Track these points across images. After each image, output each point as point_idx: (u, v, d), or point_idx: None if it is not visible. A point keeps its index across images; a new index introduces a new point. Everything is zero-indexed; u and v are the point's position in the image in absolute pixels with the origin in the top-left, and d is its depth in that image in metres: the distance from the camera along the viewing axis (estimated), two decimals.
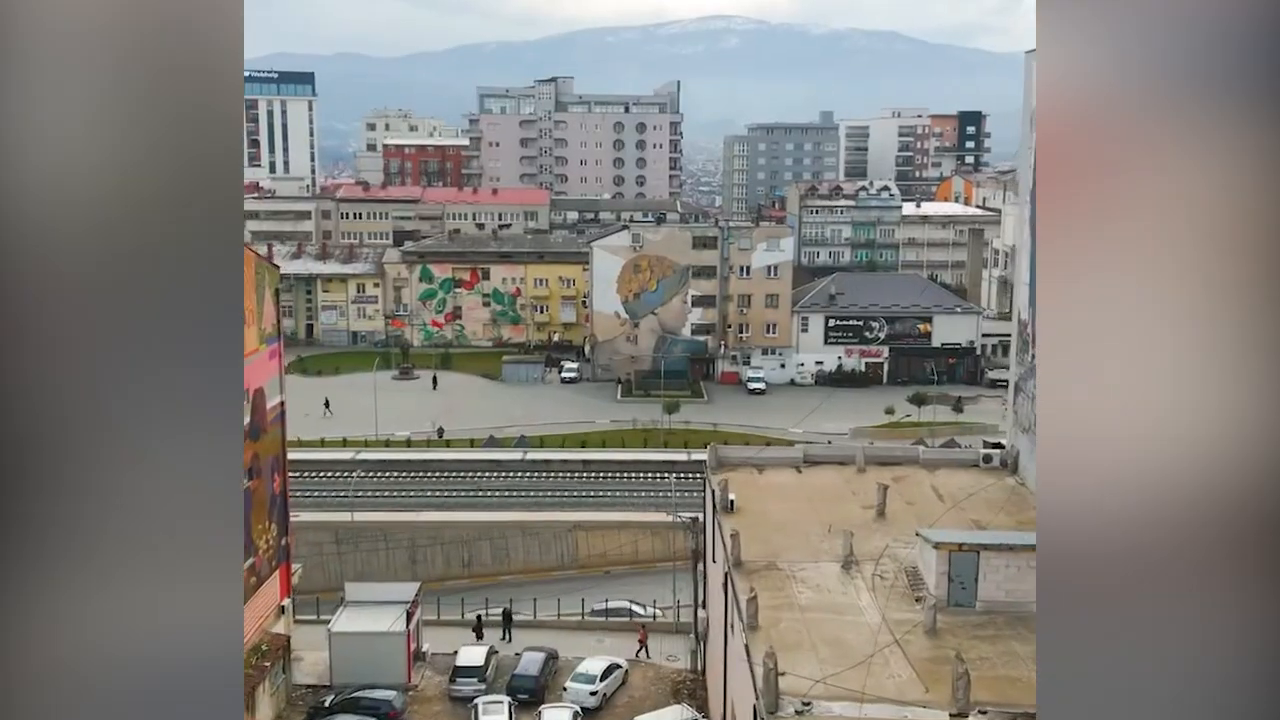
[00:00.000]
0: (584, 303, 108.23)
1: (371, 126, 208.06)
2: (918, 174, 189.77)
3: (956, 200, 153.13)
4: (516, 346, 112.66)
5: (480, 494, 66.86)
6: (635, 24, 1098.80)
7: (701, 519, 46.30)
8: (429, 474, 69.86)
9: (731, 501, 39.26)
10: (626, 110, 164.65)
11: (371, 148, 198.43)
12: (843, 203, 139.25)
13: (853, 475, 43.71)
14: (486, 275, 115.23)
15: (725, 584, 35.34)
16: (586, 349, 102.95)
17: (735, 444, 75.63)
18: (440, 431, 78.67)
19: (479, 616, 48.18)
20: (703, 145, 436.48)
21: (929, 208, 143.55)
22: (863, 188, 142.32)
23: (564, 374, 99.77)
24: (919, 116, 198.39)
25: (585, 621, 49.70)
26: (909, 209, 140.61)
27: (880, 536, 36.87)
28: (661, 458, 72.51)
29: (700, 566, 45.51)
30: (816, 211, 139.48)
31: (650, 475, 70.02)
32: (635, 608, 52.18)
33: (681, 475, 69.30)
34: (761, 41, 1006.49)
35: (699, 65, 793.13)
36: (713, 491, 40.27)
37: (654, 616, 50.93)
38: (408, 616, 43.64)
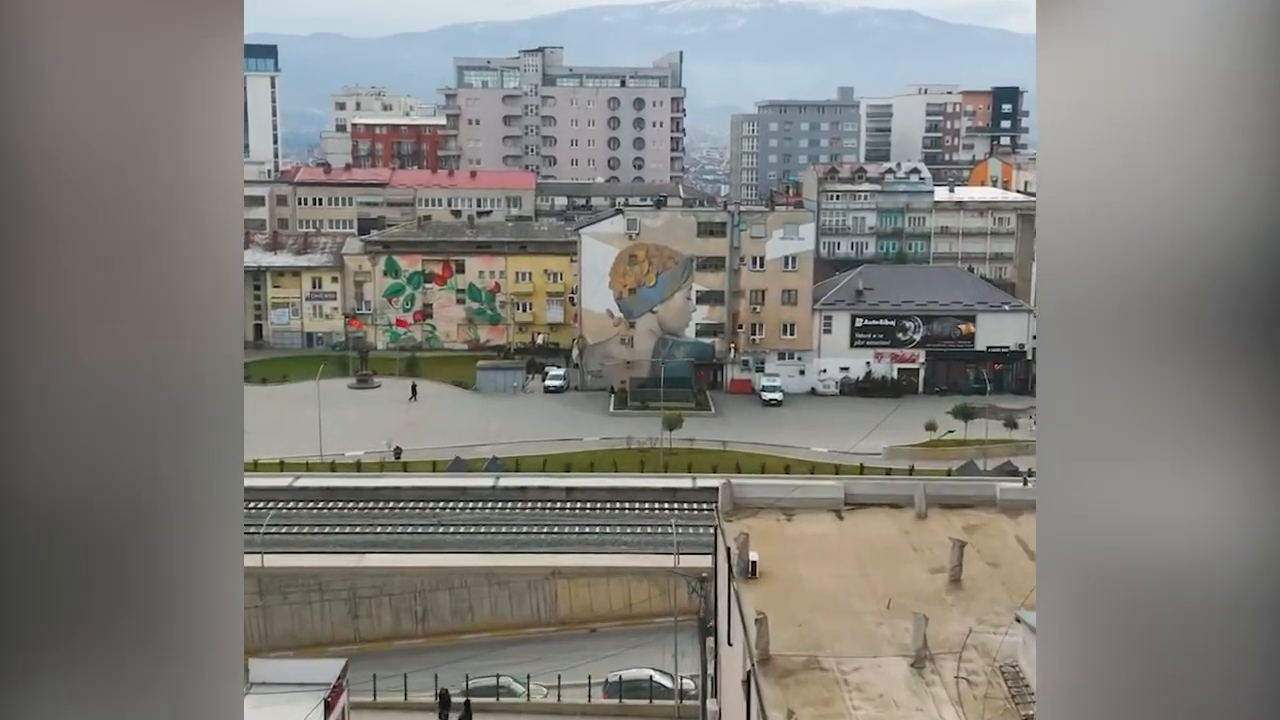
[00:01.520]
0: (572, 300, 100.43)
1: (341, 105, 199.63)
2: (948, 156, 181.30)
3: (994, 185, 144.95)
4: (495, 349, 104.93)
5: (440, 531, 58.67)
6: (634, 2, 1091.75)
7: (711, 574, 38.14)
8: (379, 505, 61.67)
9: (753, 563, 30.92)
10: (622, 85, 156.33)
11: (341, 129, 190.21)
12: (867, 187, 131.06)
13: (911, 522, 35.36)
14: (461, 268, 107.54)
15: (748, 686, 27.05)
16: (574, 353, 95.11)
17: (749, 468, 68.06)
18: (397, 452, 70.60)
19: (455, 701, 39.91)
20: (707, 132, 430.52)
21: (963, 193, 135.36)
22: (889, 170, 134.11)
23: (548, 382, 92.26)
24: (949, 93, 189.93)
25: (562, 705, 41.51)
26: (941, 194, 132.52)
27: (960, 615, 28.53)
28: (661, 484, 64.67)
29: (710, 641, 37.27)
30: (837, 197, 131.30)
31: (647, 506, 62.00)
32: (660, 678, 43.94)
33: (684, 506, 61.50)
34: (769, 22, 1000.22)
35: (703, 47, 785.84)
36: (727, 549, 31.88)
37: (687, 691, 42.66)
38: (326, 706, 35.46)
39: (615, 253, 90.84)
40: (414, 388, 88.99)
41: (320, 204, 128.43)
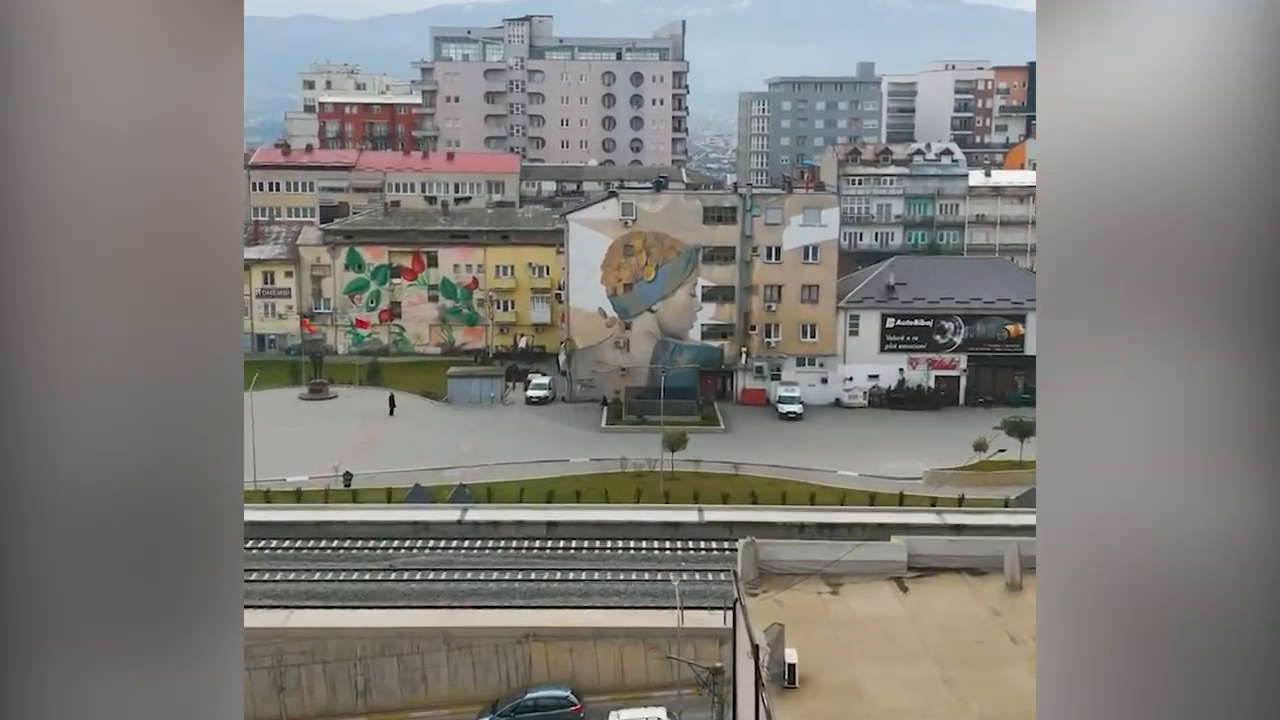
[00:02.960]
0: (559, 297, 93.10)
1: (310, 84, 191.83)
2: (979, 138, 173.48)
3: (1032, 168, 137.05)
4: (472, 354, 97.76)
5: (392, 578, 50.82)
6: None
7: (725, 659, 30.26)
8: (319, 545, 53.98)
9: (791, 668, 23.00)
10: (618, 58, 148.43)
11: (311, 110, 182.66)
12: (893, 170, 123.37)
13: (1002, 597, 27.51)
14: (434, 261, 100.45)
15: None
16: (561, 358, 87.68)
17: (766, 497, 60.25)
18: (346, 478, 62.80)
19: None
20: (711, 119, 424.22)
21: (1000, 177, 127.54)
22: (918, 151, 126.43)
23: (530, 392, 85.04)
24: (979, 69, 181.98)
25: None
26: (976, 178, 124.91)
27: None
28: (661, 517, 57.02)
29: None
30: (859, 181, 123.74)
31: (644, 545, 54.48)
32: None
33: (690, 545, 54.01)
34: (777, 1, 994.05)
35: (706, 29, 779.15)
36: (754, 646, 23.88)
37: None
38: None
39: (609, 242, 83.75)
40: (391, 400, 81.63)
41: (277, 189, 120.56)
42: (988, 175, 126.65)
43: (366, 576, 51.04)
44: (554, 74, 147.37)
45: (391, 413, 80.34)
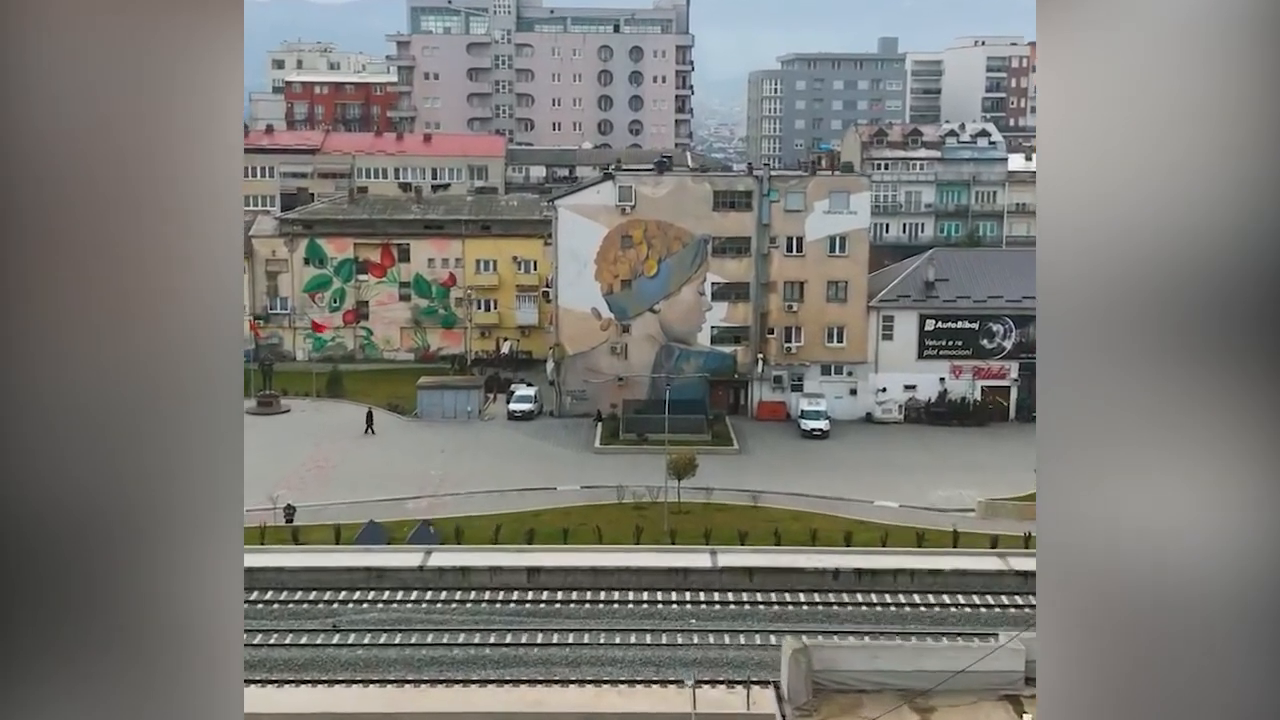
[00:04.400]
0: (548, 295, 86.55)
1: (280, 64, 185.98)
2: (1013, 120, 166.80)
3: None
4: (449, 361, 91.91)
5: (332, 642, 43.73)
6: None
7: None
8: (246, 599, 46.33)
9: None
10: (616, 30, 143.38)
11: (279, 91, 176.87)
12: (924, 154, 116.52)
13: None
14: (406, 255, 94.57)
15: None
16: (549, 366, 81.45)
17: (792, 535, 52.95)
18: (288, 512, 55.65)
19: None
20: (715, 107, 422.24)
21: None
22: (951, 133, 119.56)
23: (513, 405, 78.86)
24: (1013, 45, 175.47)
25: None
26: (1015, 163, 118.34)
27: None
28: (666, 563, 50.10)
29: None
30: (885, 166, 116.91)
31: (646, 599, 47.49)
32: None
33: (700, 598, 47.04)
34: None
35: (709, 13, 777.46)
36: None
37: None
38: None
39: (604, 232, 77.72)
40: (369, 416, 74.80)
41: None
42: (1028, 159, 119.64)
43: (302, 640, 43.74)
44: (544, 49, 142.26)
45: (368, 430, 73.36)
